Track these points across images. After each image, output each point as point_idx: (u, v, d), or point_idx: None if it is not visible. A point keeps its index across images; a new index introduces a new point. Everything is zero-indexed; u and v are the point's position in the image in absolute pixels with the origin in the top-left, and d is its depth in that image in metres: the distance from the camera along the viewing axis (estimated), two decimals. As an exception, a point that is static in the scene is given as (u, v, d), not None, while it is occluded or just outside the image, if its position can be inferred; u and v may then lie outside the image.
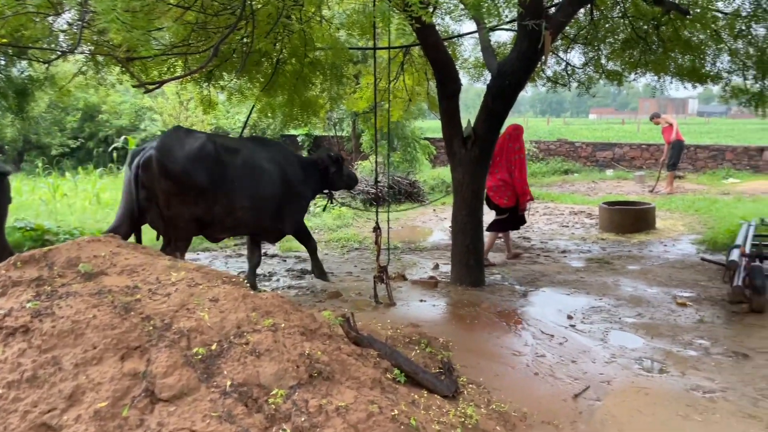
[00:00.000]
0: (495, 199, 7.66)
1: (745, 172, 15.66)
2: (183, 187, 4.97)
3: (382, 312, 5.24)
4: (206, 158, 5.07)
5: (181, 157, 4.96)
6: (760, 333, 4.79)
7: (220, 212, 5.25)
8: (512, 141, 7.62)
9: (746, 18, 7.12)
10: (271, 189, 5.56)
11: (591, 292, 6.12)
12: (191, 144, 5.06)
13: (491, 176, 7.51)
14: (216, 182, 5.12)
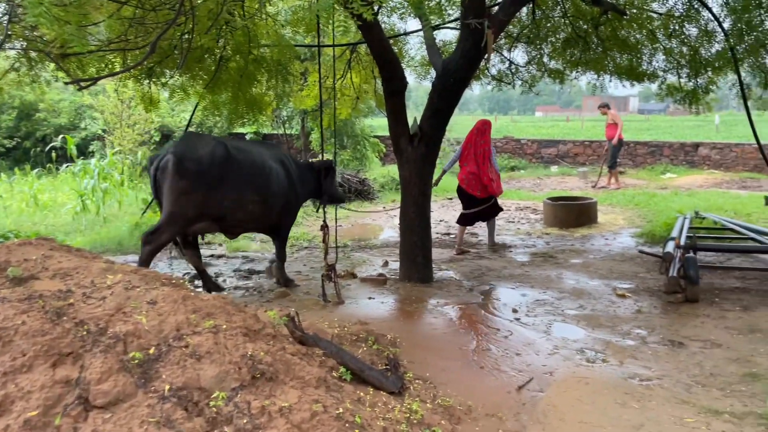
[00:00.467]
0: (469, 190, 8.01)
1: (682, 167, 16.30)
2: (197, 185, 5.20)
3: (330, 310, 5.22)
4: (219, 158, 5.32)
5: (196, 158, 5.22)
6: (693, 322, 4.99)
7: (232, 207, 5.47)
8: (480, 135, 8.05)
9: (679, 18, 7.41)
10: (278, 186, 5.83)
11: (535, 285, 6.26)
12: (204, 146, 5.32)
13: (462, 169, 8.09)
14: (227, 179, 5.36)
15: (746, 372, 3.91)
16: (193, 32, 4.78)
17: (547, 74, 8.63)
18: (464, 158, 8.03)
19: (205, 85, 6.47)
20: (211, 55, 6.28)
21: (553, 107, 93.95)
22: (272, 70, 6.83)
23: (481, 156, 7.97)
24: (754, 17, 6.58)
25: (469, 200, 8.08)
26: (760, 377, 3.81)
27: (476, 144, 8.00)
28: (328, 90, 8.59)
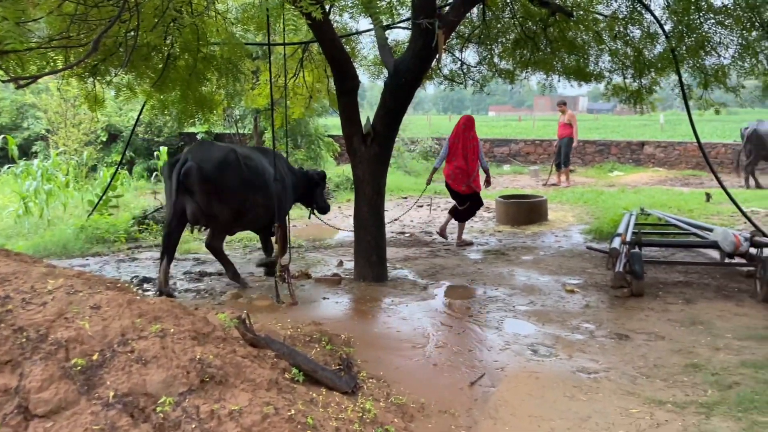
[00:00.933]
0: (454, 186, 8.27)
1: (629, 165, 16.81)
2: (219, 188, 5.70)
3: (284, 311, 5.18)
4: (232, 164, 5.79)
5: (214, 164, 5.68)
6: (638, 315, 5.15)
7: (239, 207, 5.93)
8: (467, 130, 8.29)
9: (623, 20, 7.63)
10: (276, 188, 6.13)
11: (488, 282, 6.35)
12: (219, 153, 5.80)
13: (448, 164, 8.30)
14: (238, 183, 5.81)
15: (688, 363, 4.06)
16: (138, 29, 4.67)
17: (497, 74, 8.76)
18: (452, 154, 8.24)
19: (153, 83, 6.32)
20: (159, 53, 6.13)
21: (505, 107, 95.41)
22: (222, 69, 6.71)
23: (470, 150, 8.22)
24: (693, 20, 6.83)
25: (455, 196, 8.35)
26: (700, 367, 3.96)
27: (464, 139, 8.22)
28: (280, 89, 8.52)
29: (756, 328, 4.67)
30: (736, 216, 9.08)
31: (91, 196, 10.79)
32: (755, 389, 3.51)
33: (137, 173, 16.84)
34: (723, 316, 5.02)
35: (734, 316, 5.03)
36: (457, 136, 8.28)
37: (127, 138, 12.08)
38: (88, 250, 8.15)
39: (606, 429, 3.21)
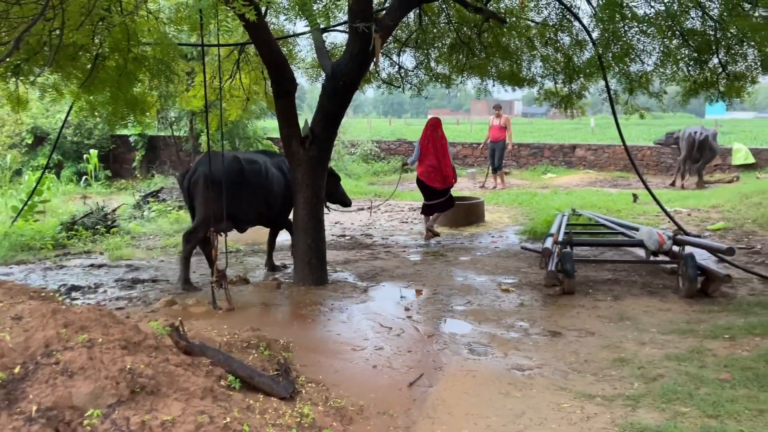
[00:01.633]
0: (429, 183, 8.76)
1: (561, 167, 17.36)
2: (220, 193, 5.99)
3: (221, 318, 5.08)
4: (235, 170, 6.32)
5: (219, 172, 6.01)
6: (570, 312, 5.33)
7: (244, 208, 6.51)
8: (435, 130, 8.91)
9: (553, 27, 7.88)
10: (277, 188, 6.78)
11: (427, 283, 6.42)
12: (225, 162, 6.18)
13: (421, 164, 8.85)
14: (241, 187, 6.33)
15: (616, 357, 4.23)
16: (64, 28, 4.49)
17: (434, 78, 8.90)
18: (423, 154, 8.79)
19: (81, 84, 6.08)
20: (87, 53, 5.91)
21: (444, 110, 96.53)
22: (155, 70, 6.53)
23: (441, 149, 8.78)
24: (618, 28, 7.13)
25: (430, 192, 8.83)
26: (627, 362, 4.13)
27: (433, 139, 8.79)
28: (215, 91, 8.37)
29: (678, 322, 4.92)
30: (661, 215, 9.52)
31: (15, 202, 10.29)
32: (678, 381, 3.69)
33: (66, 177, 16.17)
34: (649, 312, 5.25)
35: (659, 311, 5.28)
36: (426, 138, 8.82)
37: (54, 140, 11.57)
38: (12, 258, 7.76)
39: (539, 424, 3.30)
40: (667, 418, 3.24)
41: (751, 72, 7.30)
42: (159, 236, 9.35)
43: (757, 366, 3.80)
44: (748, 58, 7.18)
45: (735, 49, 7.12)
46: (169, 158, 18.48)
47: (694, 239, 6.06)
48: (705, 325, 4.76)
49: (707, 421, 3.18)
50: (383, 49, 8.02)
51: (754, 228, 8.55)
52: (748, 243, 7.76)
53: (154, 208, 10.76)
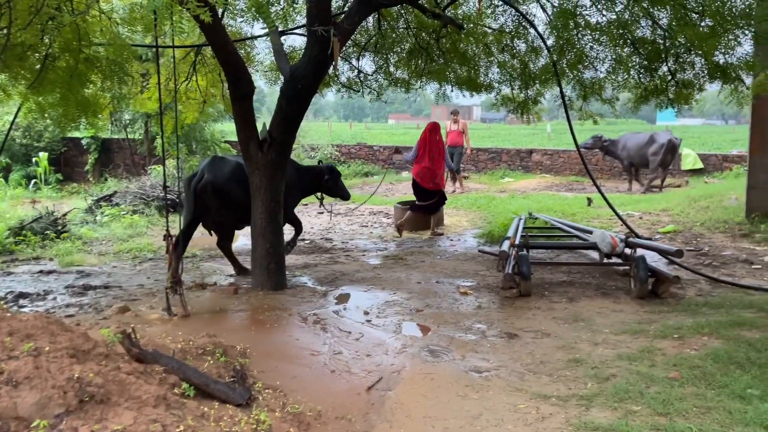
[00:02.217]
0: (423, 183, 9.34)
1: (518, 171, 17.65)
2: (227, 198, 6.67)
3: (175, 324, 4.98)
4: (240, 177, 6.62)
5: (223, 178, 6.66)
6: (527, 314, 5.41)
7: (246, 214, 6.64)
8: (434, 134, 9.44)
9: (510, 34, 8.02)
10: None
11: (386, 287, 6.43)
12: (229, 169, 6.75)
13: (417, 165, 9.41)
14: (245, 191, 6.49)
15: (571, 358, 4.31)
16: (11, 27, 4.35)
17: (393, 83, 8.93)
18: (420, 156, 9.36)
19: (29, 84, 5.89)
20: (35, 53, 5.73)
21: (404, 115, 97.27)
22: (107, 71, 6.37)
23: (437, 152, 9.36)
24: (572, 36, 7.30)
25: (422, 193, 9.37)
26: (582, 362, 4.21)
27: (431, 143, 9.35)
28: (170, 93, 8.22)
29: (630, 323, 5.04)
30: (614, 219, 9.76)
31: (-42, 207, 9.89)
32: (629, 380, 3.78)
33: (14, 181, 15.64)
34: (602, 313, 5.38)
35: (612, 312, 5.41)
36: (424, 141, 9.39)
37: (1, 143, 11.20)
38: (-46, 265, 7.46)
39: (496, 425, 3.34)
40: (619, 417, 3.32)
41: (698, 80, 7.53)
42: (112, 241, 9.12)
43: (704, 364, 3.93)
44: (696, 66, 7.44)
45: (683, 58, 7.37)
46: (123, 162, 18.07)
47: (645, 242, 6.24)
48: (655, 325, 4.90)
49: (657, 419, 3.27)
50: (342, 53, 8.02)
51: (702, 231, 8.85)
52: (696, 245, 8.02)
53: (107, 212, 10.49)
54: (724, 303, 5.39)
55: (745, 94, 7.45)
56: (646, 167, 14.41)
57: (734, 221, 8.91)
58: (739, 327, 4.63)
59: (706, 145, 24.12)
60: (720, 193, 10.98)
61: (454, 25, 7.42)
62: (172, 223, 10.62)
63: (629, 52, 7.42)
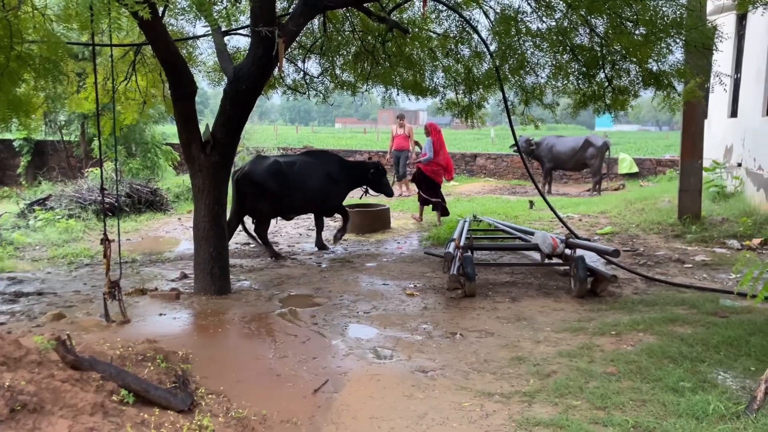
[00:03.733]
0: (437, 179, 10.47)
1: (464, 175, 17.91)
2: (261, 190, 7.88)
3: (114, 331, 4.82)
4: (275, 173, 7.94)
5: (261, 172, 7.90)
6: (471, 314, 5.49)
7: (288, 204, 8.14)
8: (440, 135, 10.56)
9: (454, 39, 8.14)
10: (317, 184, 8.24)
11: (333, 290, 6.41)
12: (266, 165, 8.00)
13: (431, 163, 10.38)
14: (282, 186, 7.94)
15: (513, 356, 4.40)
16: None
17: (339, 86, 8.93)
18: (436, 154, 10.35)
19: (-45, 82, 5.59)
20: (-38, 49, 5.45)
21: (351, 119, 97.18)
22: (41, 69, 6.11)
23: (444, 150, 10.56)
24: (514, 42, 7.47)
25: (434, 187, 10.44)
26: (524, 360, 4.30)
27: (442, 143, 10.50)
28: (108, 93, 7.99)
29: (570, 321, 5.19)
30: (554, 221, 10.02)
31: None
32: (569, 376, 3.89)
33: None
34: (544, 312, 5.51)
35: (553, 311, 5.55)
36: (439, 142, 10.39)
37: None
38: None
39: (441, 423, 3.37)
40: (559, 412, 3.41)
41: (633, 86, 7.83)
42: (46, 247, 8.76)
43: (640, 359, 4.08)
44: (631, 73, 7.74)
45: (619, 65, 7.65)
46: (58, 164, 17.37)
47: (584, 242, 6.44)
48: (594, 322, 5.05)
49: (596, 413, 3.37)
50: (287, 54, 7.96)
51: (638, 232, 9.20)
52: (632, 246, 8.33)
53: (41, 216, 10.06)
54: (658, 300, 5.62)
55: (676, 100, 7.80)
56: (577, 171, 14.82)
57: (667, 223, 9.30)
58: (672, 323, 4.83)
59: (641, 150, 25.07)
60: (654, 195, 11.45)
61: (399, 29, 7.48)
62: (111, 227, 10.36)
63: (569, 59, 7.65)
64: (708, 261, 7.28)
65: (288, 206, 8.18)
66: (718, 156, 11.75)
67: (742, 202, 9.69)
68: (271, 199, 7.91)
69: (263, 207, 7.98)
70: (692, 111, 8.88)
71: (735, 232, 8.38)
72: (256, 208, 8.00)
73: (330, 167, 8.52)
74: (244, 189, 7.82)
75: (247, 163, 8.10)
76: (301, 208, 8.53)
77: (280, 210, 8.21)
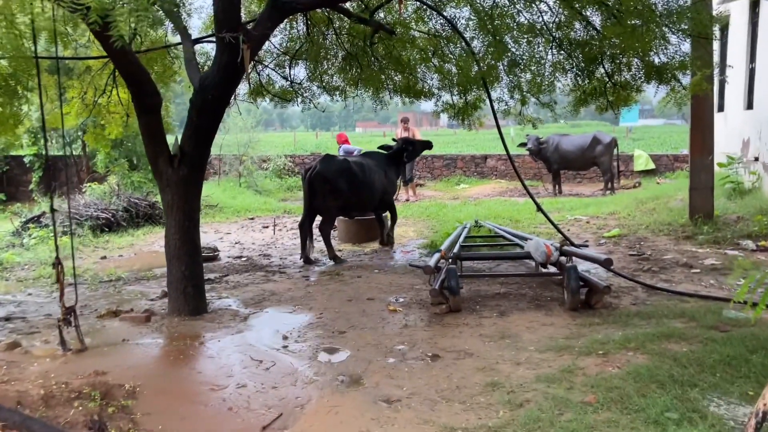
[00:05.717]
0: None
1: (474, 177, 17.48)
2: (334, 187, 8.24)
3: (65, 361, 4.55)
4: (345, 171, 8.38)
5: (332, 170, 8.28)
6: (453, 332, 5.11)
7: (355, 201, 8.55)
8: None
9: (444, 39, 7.76)
10: (378, 183, 8.79)
11: (314, 307, 6.08)
12: (337, 164, 8.45)
13: None
14: (350, 185, 8.35)
15: (488, 381, 4.01)
16: None
17: (327, 91, 8.61)
18: None
19: None
20: None
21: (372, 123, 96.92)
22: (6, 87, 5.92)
23: None
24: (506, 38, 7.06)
25: None
26: (498, 386, 3.92)
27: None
28: (88, 107, 7.84)
29: (558, 338, 4.78)
30: (561, 224, 9.59)
31: None
32: (542, 407, 3.49)
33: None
34: (531, 328, 5.11)
35: (541, 326, 5.14)
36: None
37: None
38: None
39: (390, 467, 3.02)
40: (525, 451, 3.03)
41: (636, 81, 7.38)
42: (35, 266, 8.60)
43: (624, 385, 3.66)
44: (632, 67, 7.28)
45: (619, 59, 7.21)
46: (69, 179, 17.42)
47: (577, 250, 6.00)
48: (583, 340, 4.64)
49: (565, 452, 2.98)
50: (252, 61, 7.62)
51: (647, 234, 8.70)
52: (639, 249, 7.85)
53: (35, 234, 9.94)
54: (656, 312, 5.16)
55: (682, 94, 7.32)
56: (585, 170, 14.25)
57: (678, 223, 8.78)
58: (667, 339, 4.40)
59: (664, 145, 24.26)
60: (667, 194, 10.90)
61: (385, 30, 7.15)
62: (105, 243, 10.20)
63: (566, 55, 7.24)
64: (718, 265, 6.77)
65: (356, 204, 8.59)
66: (736, 150, 11.14)
67: (760, 199, 9.11)
68: (342, 196, 8.28)
69: (333, 204, 8.31)
70: (700, 104, 8.36)
71: (750, 231, 7.85)
72: (326, 205, 8.30)
73: (383, 163, 9.06)
74: (316, 187, 8.17)
75: (317, 162, 8.40)
76: (366, 206, 8.84)
77: (349, 207, 8.62)
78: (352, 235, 9.61)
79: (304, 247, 8.40)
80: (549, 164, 14.51)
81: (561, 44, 7.18)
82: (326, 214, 8.48)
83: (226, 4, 5.43)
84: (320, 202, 8.29)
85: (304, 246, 8.39)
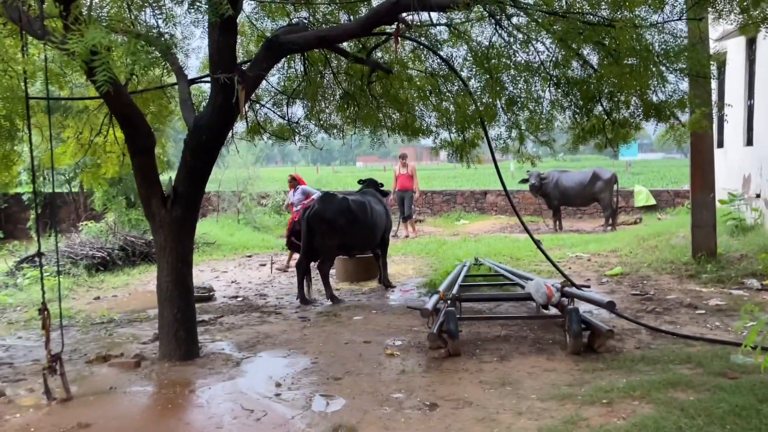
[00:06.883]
0: None
1: (474, 213, 17.39)
2: (332, 227, 8.17)
3: (49, 412, 4.39)
4: (344, 210, 8.29)
5: (331, 210, 8.22)
6: (452, 378, 4.94)
7: (355, 241, 8.53)
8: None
9: (442, 77, 7.76)
10: (380, 221, 8.79)
11: (309, 351, 5.92)
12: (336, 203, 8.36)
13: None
14: (350, 224, 8.27)
15: (487, 433, 3.84)
16: None
17: (325, 129, 8.59)
18: None
19: None
20: None
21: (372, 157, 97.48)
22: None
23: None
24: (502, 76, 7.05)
25: None
26: (498, 438, 3.75)
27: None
28: (83, 147, 7.81)
29: (561, 385, 4.61)
30: (562, 261, 9.46)
31: None
32: (543, 462, 3.32)
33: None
34: (533, 374, 4.93)
35: (544, 371, 4.97)
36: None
37: None
38: None
39: None
40: None
41: (634, 119, 7.35)
42: (28, 307, 8.44)
43: (628, 438, 3.50)
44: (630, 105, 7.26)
45: (617, 98, 7.19)
46: (68, 217, 17.36)
47: (579, 292, 5.86)
48: (586, 387, 4.46)
49: None
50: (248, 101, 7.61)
51: (649, 272, 8.56)
52: (642, 289, 7.70)
53: (29, 274, 9.81)
54: (662, 357, 4.99)
55: (682, 131, 7.29)
56: (585, 206, 14.16)
57: (681, 261, 8.64)
58: (674, 387, 4.23)
59: (664, 180, 24.26)
60: (669, 231, 10.77)
61: (382, 69, 7.16)
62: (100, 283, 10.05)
63: (563, 93, 7.23)
64: (722, 305, 6.62)
65: (357, 243, 8.58)
66: (737, 186, 11.06)
67: (763, 236, 8.98)
68: (339, 235, 8.22)
69: (332, 244, 8.26)
70: (700, 141, 8.31)
71: (754, 270, 7.71)
72: (325, 245, 8.23)
73: (380, 199, 9.14)
74: (314, 227, 8.14)
75: (316, 201, 8.53)
76: (368, 244, 8.81)
77: (349, 246, 8.59)
78: (349, 274, 9.47)
79: (301, 287, 8.28)
80: (549, 200, 14.43)
81: (558, 83, 7.16)
82: (325, 254, 8.37)
83: (221, 45, 5.42)
84: (319, 242, 8.21)
85: (301, 286, 8.28)
